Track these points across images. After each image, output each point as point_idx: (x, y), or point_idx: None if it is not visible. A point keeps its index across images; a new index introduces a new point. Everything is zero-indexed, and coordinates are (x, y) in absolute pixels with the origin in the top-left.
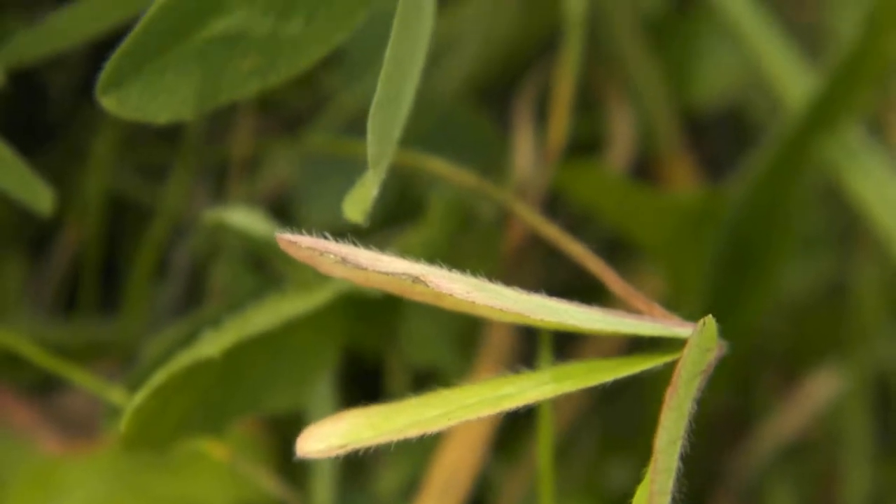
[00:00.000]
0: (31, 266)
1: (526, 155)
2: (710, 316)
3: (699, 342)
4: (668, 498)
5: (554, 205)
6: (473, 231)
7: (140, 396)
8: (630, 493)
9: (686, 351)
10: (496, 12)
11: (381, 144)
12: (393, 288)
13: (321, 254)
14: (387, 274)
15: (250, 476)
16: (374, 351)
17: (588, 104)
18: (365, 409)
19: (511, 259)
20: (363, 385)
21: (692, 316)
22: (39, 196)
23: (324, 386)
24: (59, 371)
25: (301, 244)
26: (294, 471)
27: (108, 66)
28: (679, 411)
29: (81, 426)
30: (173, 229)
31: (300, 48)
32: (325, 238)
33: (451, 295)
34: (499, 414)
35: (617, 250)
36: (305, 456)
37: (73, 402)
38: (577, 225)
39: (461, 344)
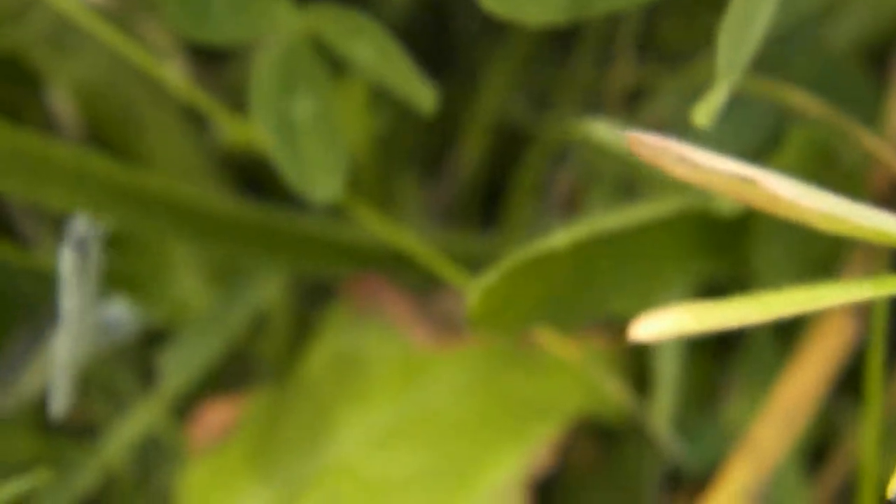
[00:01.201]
0: (428, 181)
1: None
2: None
3: None
4: None
5: None
6: (834, 173)
7: (489, 278)
8: None
9: None
10: None
11: (730, 57)
12: (726, 189)
13: (663, 152)
14: (720, 174)
15: (599, 386)
16: (730, 278)
17: None
18: (691, 304)
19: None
20: None
21: None
22: (423, 95)
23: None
24: (439, 272)
25: (645, 142)
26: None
27: None
28: None
29: (452, 326)
30: (555, 154)
31: None
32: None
33: (779, 197)
34: (845, 351)
35: None
36: (637, 339)
37: (448, 302)
38: None
39: (818, 271)
